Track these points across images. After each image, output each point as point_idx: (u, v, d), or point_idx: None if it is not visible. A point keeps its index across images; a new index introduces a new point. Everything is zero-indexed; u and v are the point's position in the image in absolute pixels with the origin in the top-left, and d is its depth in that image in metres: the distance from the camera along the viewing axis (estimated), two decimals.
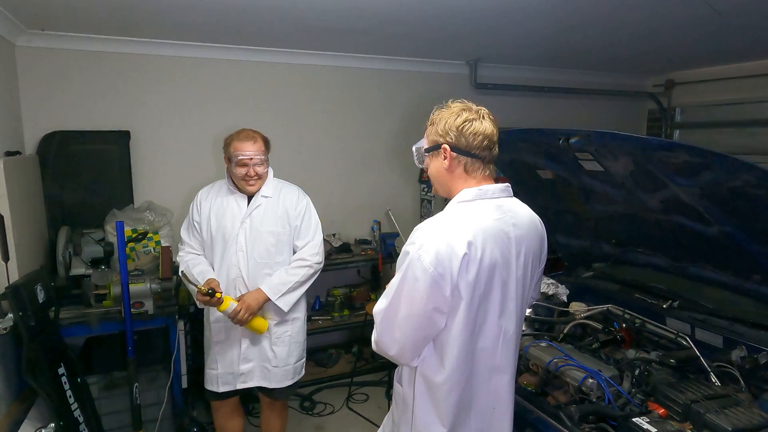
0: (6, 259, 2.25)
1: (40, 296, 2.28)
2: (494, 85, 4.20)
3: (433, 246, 1.23)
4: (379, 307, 1.34)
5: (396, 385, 1.48)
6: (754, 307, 1.96)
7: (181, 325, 2.76)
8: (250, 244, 2.24)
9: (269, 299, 2.21)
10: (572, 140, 1.86)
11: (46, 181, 3.01)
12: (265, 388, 2.36)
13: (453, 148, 1.35)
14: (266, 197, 2.28)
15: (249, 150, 2.17)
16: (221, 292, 2.10)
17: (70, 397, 2.26)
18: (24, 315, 2.09)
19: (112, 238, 2.88)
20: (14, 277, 2.29)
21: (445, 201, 1.44)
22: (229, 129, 3.56)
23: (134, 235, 3.03)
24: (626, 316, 2.19)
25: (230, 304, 2.11)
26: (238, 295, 2.24)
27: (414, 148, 1.50)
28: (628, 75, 4.79)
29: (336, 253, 3.75)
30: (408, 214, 4.26)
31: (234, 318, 2.13)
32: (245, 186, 2.23)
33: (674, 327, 2.06)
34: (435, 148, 1.40)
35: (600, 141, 1.83)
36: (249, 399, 3.15)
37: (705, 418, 1.46)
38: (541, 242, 1.48)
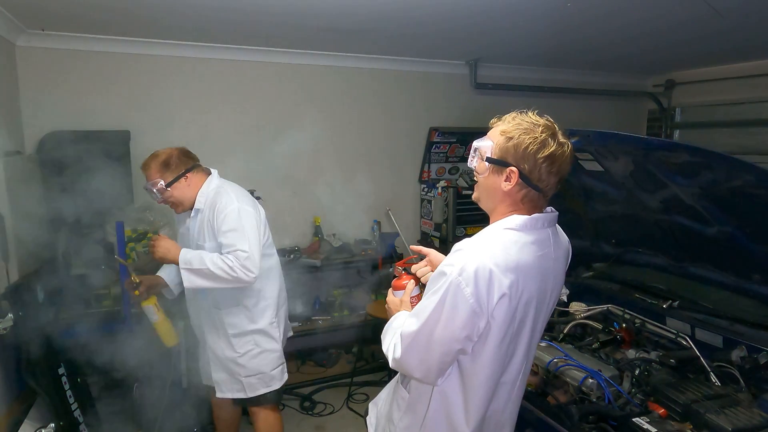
0: (6, 259, 2.25)
1: (40, 296, 2.28)
2: (494, 85, 4.19)
3: (474, 276, 1.14)
4: (409, 329, 1.24)
5: (400, 388, 1.44)
6: (754, 307, 1.96)
7: (181, 324, 2.76)
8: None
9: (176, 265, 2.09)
10: (572, 140, 1.86)
11: (46, 181, 3.00)
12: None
13: (523, 177, 1.21)
14: (197, 212, 2.18)
15: (146, 180, 2.12)
16: (139, 285, 2.17)
17: (70, 397, 2.26)
18: (24, 315, 2.09)
19: (112, 238, 2.88)
20: (14, 277, 2.28)
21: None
22: (230, 129, 3.60)
23: (134, 235, 3.02)
24: (626, 316, 2.19)
25: (150, 305, 2.22)
26: (200, 310, 2.32)
27: (474, 147, 1.32)
28: (628, 75, 4.79)
29: (336, 253, 3.75)
30: (408, 214, 4.26)
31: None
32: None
33: (674, 327, 2.06)
34: (501, 164, 1.24)
35: (600, 141, 1.83)
36: None
37: (705, 418, 1.46)
38: (566, 268, 1.41)
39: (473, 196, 1.37)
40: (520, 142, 1.20)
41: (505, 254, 1.18)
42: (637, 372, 1.77)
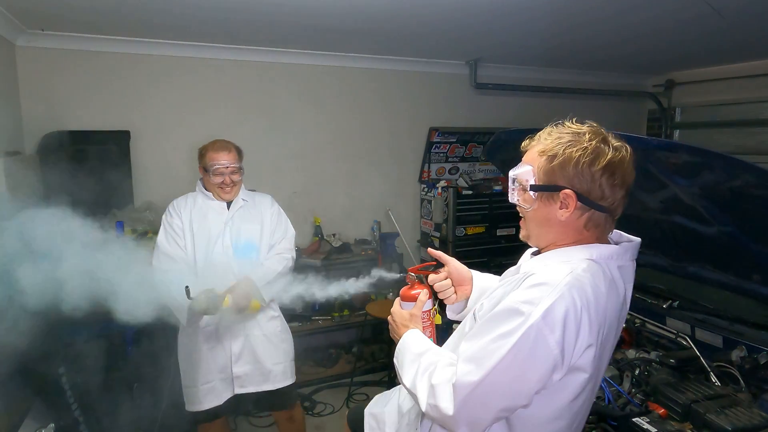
0: None
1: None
2: (494, 85, 4.19)
3: (563, 321, 0.93)
4: (469, 378, 0.97)
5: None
6: (754, 307, 1.96)
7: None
8: (236, 242, 2.31)
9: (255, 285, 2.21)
10: None
11: (46, 181, 3.00)
12: (275, 401, 2.39)
13: (581, 198, 1.01)
14: (245, 200, 2.37)
15: (224, 159, 2.23)
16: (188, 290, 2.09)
17: (70, 397, 2.26)
18: (24, 315, 2.09)
19: None
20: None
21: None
22: (229, 128, 3.60)
23: (134, 235, 3.02)
24: (626, 316, 2.19)
25: (228, 298, 2.06)
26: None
27: (511, 176, 1.10)
28: (628, 75, 4.79)
29: (336, 253, 3.75)
30: (408, 214, 4.26)
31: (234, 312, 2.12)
32: (221, 193, 2.28)
33: (674, 327, 2.06)
34: (552, 189, 1.03)
35: None
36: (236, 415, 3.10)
37: (705, 418, 1.46)
38: None
39: (521, 235, 1.14)
40: (568, 158, 1.00)
41: (596, 292, 0.97)
42: (637, 372, 1.77)
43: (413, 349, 1.15)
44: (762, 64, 3.98)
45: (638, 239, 1.11)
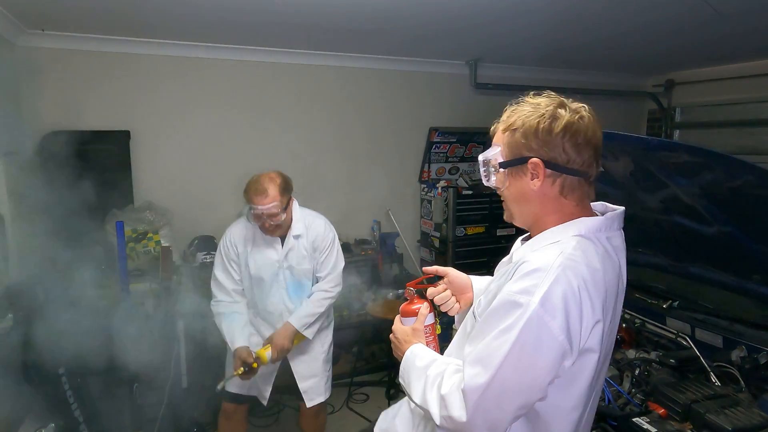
0: (6, 259, 2.25)
1: (40, 296, 2.27)
2: (494, 85, 4.19)
3: (564, 304, 0.90)
4: (476, 381, 0.94)
5: None
6: (754, 307, 1.96)
7: (181, 324, 2.76)
8: (290, 281, 2.33)
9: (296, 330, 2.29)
10: None
11: (46, 181, 3.00)
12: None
13: (548, 164, 1.01)
14: (297, 237, 2.32)
15: (261, 205, 2.13)
16: (254, 360, 2.16)
17: (70, 397, 2.26)
18: (24, 315, 2.09)
19: (112, 238, 2.88)
20: (14, 277, 2.28)
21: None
22: (230, 128, 3.59)
23: (134, 235, 3.02)
24: (626, 316, 2.19)
25: (267, 354, 2.19)
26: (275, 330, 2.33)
27: (480, 160, 1.12)
28: (628, 75, 4.79)
29: None
30: (408, 214, 4.26)
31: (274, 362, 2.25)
32: (265, 233, 2.25)
33: (674, 327, 2.06)
34: (518, 162, 1.04)
35: None
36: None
37: (705, 418, 1.46)
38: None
39: (505, 217, 1.13)
40: (528, 128, 1.02)
41: (591, 269, 0.95)
42: (637, 372, 1.77)
43: (418, 363, 1.12)
44: (762, 64, 3.98)
45: (622, 208, 1.09)
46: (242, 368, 2.12)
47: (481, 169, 1.13)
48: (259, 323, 2.38)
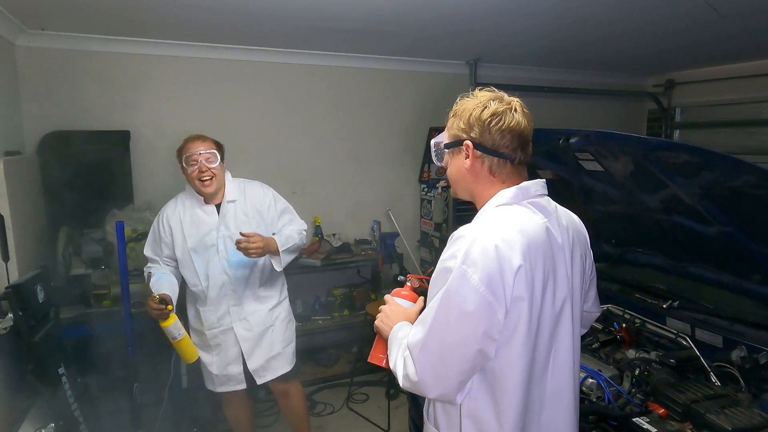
0: (6, 259, 2.25)
1: (40, 296, 2.27)
2: (494, 85, 4.18)
3: (482, 258, 1.02)
4: (415, 338, 1.09)
5: (429, 427, 1.25)
6: (754, 307, 1.96)
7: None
8: (231, 250, 2.25)
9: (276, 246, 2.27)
10: (572, 140, 1.86)
11: (46, 181, 3.00)
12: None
13: (477, 146, 1.16)
14: (232, 202, 2.30)
15: (197, 147, 2.18)
16: (172, 306, 2.11)
17: (70, 397, 2.26)
18: (24, 315, 2.09)
19: (112, 238, 2.88)
20: (14, 277, 2.28)
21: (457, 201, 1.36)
22: (230, 128, 3.59)
23: (134, 235, 3.02)
24: (626, 316, 2.19)
25: (174, 321, 2.13)
26: (230, 301, 2.32)
27: (432, 143, 1.30)
28: (628, 75, 4.79)
29: (336, 253, 3.75)
30: (408, 214, 4.26)
31: (245, 245, 2.13)
32: (201, 187, 2.20)
33: (674, 327, 2.06)
34: (456, 144, 1.20)
35: (600, 141, 1.83)
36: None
37: (705, 418, 1.46)
38: (587, 245, 1.29)
39: (451, 192, 1.31)
40: (464, 114, 1.19)
41: (508, 229, 1.07)
42: (637, 372, 1.77)
43: (399, 335, 1.23)
44: (762, 64, 3.98)
45: (543, 180, 1.22)
46: (156, 296, 2.05)
47: (432, 151, 1.31)
48: (203, 311, 2.33)
